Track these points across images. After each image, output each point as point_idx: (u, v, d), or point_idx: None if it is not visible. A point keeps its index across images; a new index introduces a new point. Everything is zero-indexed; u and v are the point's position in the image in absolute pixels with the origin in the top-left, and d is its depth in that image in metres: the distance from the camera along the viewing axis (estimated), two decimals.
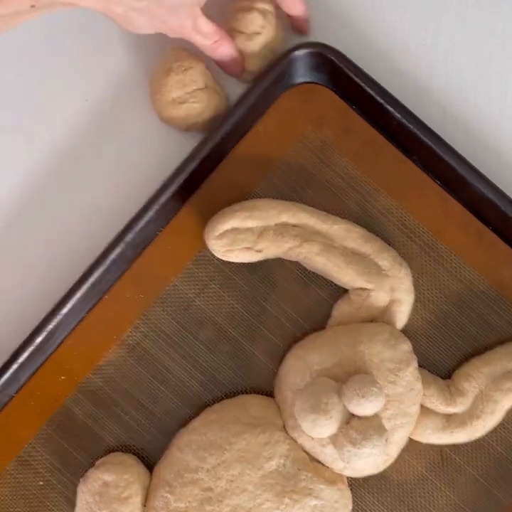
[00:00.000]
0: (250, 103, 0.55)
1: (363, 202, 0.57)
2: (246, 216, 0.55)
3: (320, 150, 0.57)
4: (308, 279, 0.57)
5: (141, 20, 0.51)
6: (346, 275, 0.54)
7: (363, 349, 0.52)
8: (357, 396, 0.49)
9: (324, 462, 0.53)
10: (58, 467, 0.56)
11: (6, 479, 0.56)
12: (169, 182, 0.56)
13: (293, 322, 0.57)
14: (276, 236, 0.55)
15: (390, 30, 0.59)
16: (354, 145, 0.57)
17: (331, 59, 0.56)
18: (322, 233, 0.55)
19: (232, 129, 0.56)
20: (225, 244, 0.54)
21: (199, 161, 0.55)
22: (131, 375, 0.56)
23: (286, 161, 0.57)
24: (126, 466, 0.54)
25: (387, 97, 0.55)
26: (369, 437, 0.49)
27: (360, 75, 0.55)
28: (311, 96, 0.57)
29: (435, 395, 0.54)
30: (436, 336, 0.56)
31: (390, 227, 0.57)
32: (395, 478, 0.56)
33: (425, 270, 0.57)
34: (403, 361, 0.53)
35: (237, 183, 0.57)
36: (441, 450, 0.56)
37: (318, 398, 0.50)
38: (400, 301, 0.55)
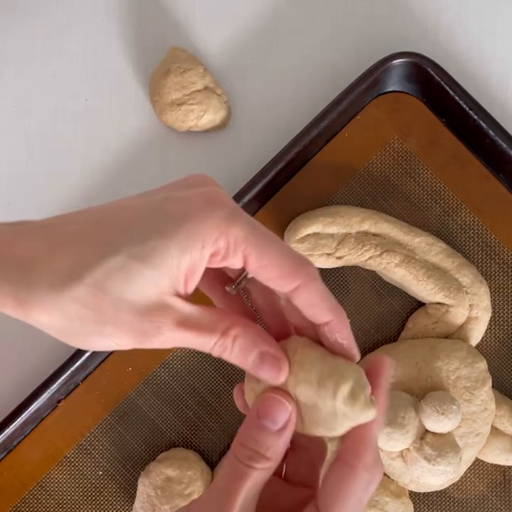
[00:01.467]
0: (341, 109, 0.55)
1: (444, 216, 0.57)
2: (329, 222, 0.54)
3: (404, 160, 0.57)
4: (383, 289, 0.56)
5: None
6: (426, 289, 0.54)
7: (440, 365, 0.52)
8: (436, 413, 0.49)
9: (391, 475, 0.53)
10: (118, 458, 0.56)
11: (66, 466, 0.56)
12: (253, 183, 0.55)
13: (364, 332, 0.56)
14: (357, 244, 0.54)
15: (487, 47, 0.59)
16: (439, 158, 0.56)
17: (425, 69, 0.55)
18: (403, 244, 0.55)
19: (321, 132, 0.55)
20: (306, 248, 0.54)
21: (284, 163, 0.55)
22: (197, 370, 0.56)
23: (369, 169, 0.57)
24: (190, 463, 0.54)
25: (481, 113, 0.55)
26: (445, 455, 0.49)
27: (455, 87, 0.55)
28: (400, 105, 0.56)
29: (506, 415, 0.54)
30: (509, 356, 0.56)
31: (469, 243, 0.56)
32: (456, 496, 0.55)
33: (502, 289, 0.56)
34: (479, 380, 0.52)
35: (317, 187, 0.56)
36: (505, 471, 0.55)
37: (396, 412, 0.49)
38: (477, 318, 0.54)
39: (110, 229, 0.35)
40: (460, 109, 0.55)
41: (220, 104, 0.57)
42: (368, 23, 0.59)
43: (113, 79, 0.59)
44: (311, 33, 0.59)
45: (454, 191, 0.56)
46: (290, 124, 0.58)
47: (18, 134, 0.59)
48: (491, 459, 0.54)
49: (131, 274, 0.34)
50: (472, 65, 0.59)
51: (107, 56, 0.59)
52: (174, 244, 0.34)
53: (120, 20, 0.59)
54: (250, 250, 0.35)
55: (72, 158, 0.59)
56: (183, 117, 0.56)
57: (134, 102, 0.59)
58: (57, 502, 0.56)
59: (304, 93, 0.59)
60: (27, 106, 0.59)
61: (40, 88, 0.59)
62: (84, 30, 0.59)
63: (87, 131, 0.59)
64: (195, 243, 0.34)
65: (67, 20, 0.59)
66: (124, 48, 0.59)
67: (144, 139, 0.59)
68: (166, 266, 0.34)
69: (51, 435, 0.56)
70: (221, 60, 0.59)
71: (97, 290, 0.34)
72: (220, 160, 0.58)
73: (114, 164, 0.59)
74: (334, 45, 0.59)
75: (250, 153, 0.58)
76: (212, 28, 0.59)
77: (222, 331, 0.36)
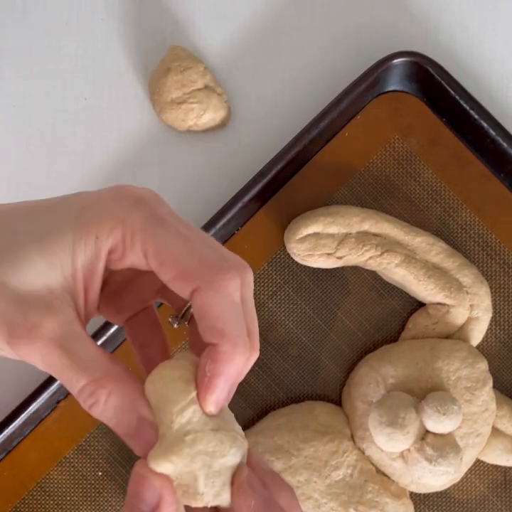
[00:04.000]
0: (342, 109, 0.55)
1: (445, 216, 0.56)
2: (329, 222, 0.54)
3: (405, 160, 0.57)
4: (383, 289, 0.56)
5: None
6: (426, 289, 0.54)
7: (441, 366, 0.52)
8: (437, 413, 0.49)
9: (391, 476, 0.53)
10: (118, 459, 0.56)
11: (65, 467, 0.56)
12: (253, 183, 0.55)
13: (364, 331, 0.56)
14: (357, 244, 0.54)
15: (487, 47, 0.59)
16: (440, 158, 0.56)
17: (426, 68, 0.55)
18: (403, 244, 0.55)
19: (321, 132, 0.55)
20: (306, 248, 0.54)
21: (284, 163, 0.55)
22: None
23: (370, 168, 0.57)
24: None
25: (481, 113, 0.54)
26: (445, 455, 0.49)
27: (456, 87, 0.55)
28: (401, 105, 0.56)
29: (507, 416, 0.53)
30: (510, 356, 0.56)
31: (470, 243, 0.56)
32: (457, 497, 0.55)
33: (503, 289, 0.56)
34: (480, 380, 0.52)
35: (317, 187, 0.56)
36: (506, 471, 0.55)
37: (396, 412, 0.49)
38: (478, 319, 0.54)
39: (17, 212, 0.31)
40: (461, 109, 0.55)
41: (221, 103, 0.57)
42: (367, 23, 0.59)
43: (113, 78, 0.59)
44: (312, 33, 0.59)
45: (455, 191, 0.56)
46: (290, 124, 0.58)
47: (17, 133, 0.59)
48: (491, 459, 0.54)
49: (19, 254, 0.29)
50: (472, 65, 0.59)
51: (107, 55, 0.59)
52: (69, 230, 0.30)
53: (120, 19, 0.59)
54: (148, 243, 0.30)
55: (71, 157, 0.59)
56: (183, 116, 0.56)
57: (134, 101, 0.59)
58: (56, 503, 0.56)
59: (304, 93, 0.59)
60: (27, 106, 0.59)
61: (40, 88, 0.59)
62: (83, 29, 0.59)
63: (86, 131, 0.59)
64: (89, 232, 0.30)
65: (66, 19, 0.59)
66: (123, 47, 0.59)
67: (144, 138, 0.59)
68: (58, 253, 0.30)
69: (51, 436, 0.55)
70: (221, 59, 0.59)
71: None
72: (220, 160, 0.58)
73: (113, 163, 0.59)
74: (334, 45, 0.59)
75: (250, 153, 0.58)
76: (212, 28, 0.59)
77: (99, 375, 0.30)
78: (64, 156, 0.59)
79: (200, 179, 0.58)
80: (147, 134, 0.59)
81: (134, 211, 0.30)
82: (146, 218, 0.30)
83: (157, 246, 0.30)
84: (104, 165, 0.59)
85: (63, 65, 0.59)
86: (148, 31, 0.59)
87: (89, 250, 0.30)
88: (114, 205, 0.30)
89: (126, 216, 0.30)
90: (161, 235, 0.30)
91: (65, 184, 0.58)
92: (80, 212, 0.30)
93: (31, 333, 0.29)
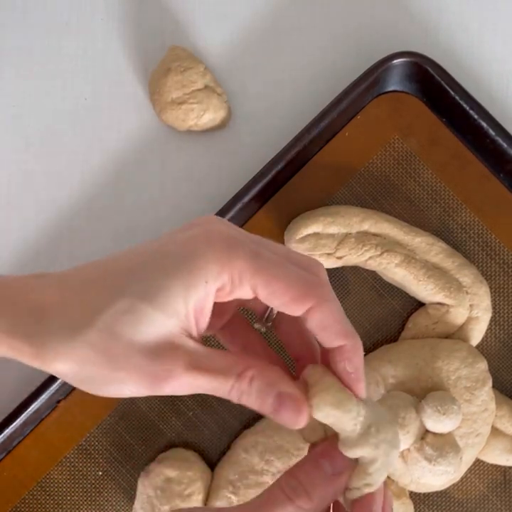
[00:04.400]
0: (342, 108, 0.55)
1: (444, 216, 0.56)
2: (329, 222, 0.54)
3: (405, 160, 0.57)
4: (383, 289, 0.56)
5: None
6: (426, 289, 0.54)
7: (441, 365, 0.52)
8: (437, 413, 0.49)
9: (391, 475, 0.53)
10: (118, 458, 0.56)
11: (66, 467, 0.56)
12: (253, 183, 0.55)
13: (364, 331, 0.56)
14: (357, 244, 0.54)
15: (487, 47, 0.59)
16: (440, 158, 0.56)
17: (426, 69, 0.55)
18: (403, 244, 0.55)
19: (321, 132, 0.55)
20: (306, 248, 0.54)
21: (284, 163, 0.55)
22: None
23: (370, 168, 0.57)
24: (190, 463, 0.54)
25: (481, 113, 0.55)
26: (445, 455, 0.49)
27: (456, 87, 0.55)
28: (401, 105, 0.56)
29: (506, 416, 0.54)
30: (510, 356, 0.56)
31: (470, 243, 0.56)
32: (457, 496, 0.55)
33: (503, 289, 0.56)
34: (479, 380, 0.52)
35: (317, 187, 0.56)
36: (505, 471, 0.55)
37: (396, 412, 0.49)
38: (477, 318, 0.54)
39: (115, 272, 0.35)
40: (460, 109, 0.55)
41: (221, 103, 0.57)
42: (367, 23, 0.59)
43: (113, 78, 0.59)
44: (312, 33, 0.59)
45: (455, 191, 0.56)
46: (290, 124, 0.58)
47: (17, 133, 0.59)
48: (491, 459, 0.54)
49: (138, 315, 0.34)
50: (472, 65, 0.59)
51: (107, 55, 0.59)
52: (178, 282, 0.34)
53: (120, 19, 0.59)
54: (256, 279, 0.34)
55: (71, 157, 0.59)
56: (183, 116, 0.56)
57: (134, 102, 0.59)
58: (56, 502, 0.56)
59: (304, 93, 0.59)
60: (27, 106, 0.59)
61: (40, 88, 0.59)
62: (83, 29, 0.59)
63: (86, 131, 0.59)
64: (198, 279, 0.34)
65: (66, 19, 0.59)
66: (123, 47, 0.59)
67: (144, 138, 0.59)
68: (172, 305, 0.34)
69: (51, 436, 0.55)
70: (221, 59, 0.59)
71: (107, 334, 0.34)
72: (220, 160, 0.58)
73: (113, 163, 0.59)
74: (334, 45, 0.59)
75: (250, 153, 0.58)
76: (212, 28, 0.59)
77: (237, 373, 0.35)
78: (64, 156, 0.59)
79: (200, 179, 0.58)
80: (147, 134, 0.59)
81: (234, 254, 0.34)
82: (247, 257, 0.34)
83: (265, 280, 0.34)
84: (104, 165, 0.59)
85: (63, 65, 0.59)
86: (148, 31, 0.59)
87: (199, 294, 0.34)
88: (213, 250, 0.34)
89: (228, 260, 0.34)
90: (263, 268, 0.34)
91: (65, 184, 0.58)
92: (181, 263, 0.34)
93: (170, 375, 0.34)
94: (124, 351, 0.34)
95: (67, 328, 0.34)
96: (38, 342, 0.34)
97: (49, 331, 0.34)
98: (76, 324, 0.34)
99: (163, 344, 0.34)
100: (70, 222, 0.58)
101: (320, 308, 0.35)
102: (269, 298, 0.35)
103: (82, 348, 0.34)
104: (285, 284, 0.35)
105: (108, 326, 0.34)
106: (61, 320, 0.34)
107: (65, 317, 0.34)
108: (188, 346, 0.34)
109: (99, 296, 0.34)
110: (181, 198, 0.58)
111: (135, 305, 0.34)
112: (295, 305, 0.35)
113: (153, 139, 0.59)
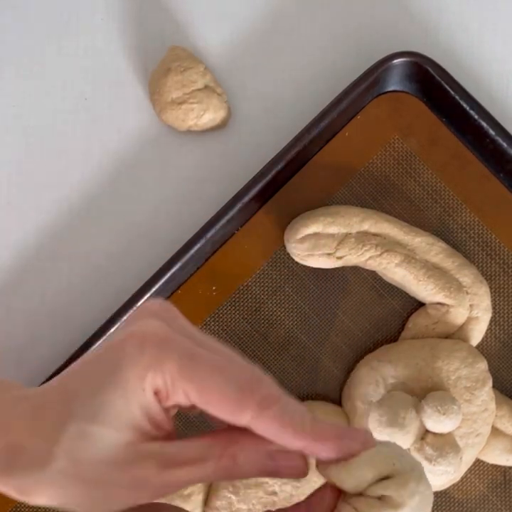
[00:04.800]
0: (342, 108, 0.55)
1: (445, 216, 0.56)
2: (329, 222, 0.54)
3: (405, 160, 0.57)
4: (383, 289, 0.56)
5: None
6: (426, 289, 0.54)
7: (441, 365, 0.52)
8: (437, 413, 0.49)
9: None
10: None
11: None
12: (253, 183, 0.55)
13: (364, 331, 0.56)
14: (357, 244, 0.54)
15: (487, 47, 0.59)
16: (440, 158, 0.56)
17: (426, 69, 0.55)
18: (403, 244, 0.55)
19: (321, 132, 0.55)
20: (306, 248, 0.54)
21: (284, 163, 0.55)
22: None
23: (370, 168, 0.57)
24: None
25: (481, 113, 0.55)
26: (445, 455, 0.49)
27: (456, 87, 0.55)
28: (401, 105, 0.56)
29: (506, 416, 0.54)
30: (510, 356, 0.56)
31: (470, 243, 0.56)
32: (457, 496, 0.55)
33: (503, 289, 0.56)
34: (480, 380, 0.52)
35: (317, 187, 0.56)
36: (505, 471, 0.55)
37: (396, 412, 0.49)
38: (477, 319, 0.54)
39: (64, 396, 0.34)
40: (460, 109, 0.55)
41: (221, 103, 0.57)
42: (367, 23, 0.59)
43: (113, 78, 0.59)
44: (312, 33, 0.59)
45: (455, 191, 0.56)
46: (290, 124, 0.58)
47: (17, 133, 0.59)
48: (491, 459, 0.54)
49: (91, 438, 0.33)
50: (472, 65, 0.59)
51: (107, 55, 0.59)
52: (116, 395, 0.33)
53: (120, 19, 0.59)
54: (188, 387, 0.33)
55: (71, 157, 0.59)
56: (183, 116, 0.56)
57: (134, 101, 0.59)
58: None
59: (304, 93, 0.59)
60: (27, 106, 0.59)
61: (40, 88, 0.59)
62: (83, 29, 0.59)
63: (86, 131, 0.59)
64: (135, 388, 0.33)
65: (66, 19, 0.59)
66: (123, 47, 0.59)
67: (144, 138, 0.59)
68: (118, 418, 0.33)
69: None
70: (221, 59, 0.59)
71: (71, 461, 0.33)
72: (220, 160, 0.58)
73: (113, 163, 0.59)
74: (334, 45, 0.59)
75: (250, 153, 0.58)
76: (212, 28, 0.59)
77: (217, 455, 0.33)
78: (64, 156, 0.59)
79: (200, 179, 0.58)
80: (147, 134, 0.59)
81: (165, 358, 0.33)
82: (179, 362, 0.33)
83: (197, 388, 0.33)
84: (104, 165, 0.59)
85: (63, 65, 0.59)
86: (148, 31, 0.59)
87: (141, 400, 0.33)
88: (144, 357, 0.33)
89: (160, 364, 0.33)
90: (198, 375, 0.33)
91: (65, 184, 0.58)
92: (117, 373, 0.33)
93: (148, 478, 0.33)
94: (93, 473, 0.33)
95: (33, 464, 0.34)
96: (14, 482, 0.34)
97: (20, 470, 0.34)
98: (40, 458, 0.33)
99: (127, 456, 0.33)
100: (70, 222, 0.58)
101: (261, 419, 0.33)
102: (205, 407, 0.33)
103: (55, 477, 0.33)
104: (219, 394, 0.33)
105: (69, 452, 0.33)
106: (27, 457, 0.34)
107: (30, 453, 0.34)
108: (154, 449, 0.33)
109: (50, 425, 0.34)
110: (181, 198, 0.58)
111: (82, 428, 0.33)
112: (234, 417, 0.33)
113: (153, 139, 0.59)
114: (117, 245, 0.58)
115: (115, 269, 0.58)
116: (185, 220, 0.58)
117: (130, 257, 0.58)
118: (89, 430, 0.33)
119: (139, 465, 0.33)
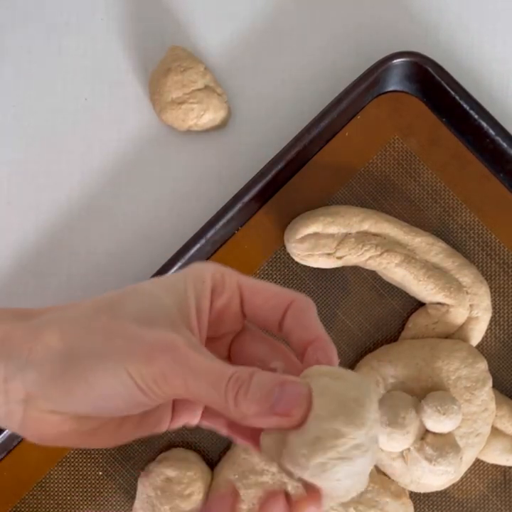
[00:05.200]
0: (342, 108, 0.55)
1: (445, 216, 0.56)
2: (329, 222, 0.54)
3: (405, 160, 0.57)
4: (383, 289, 0.56)
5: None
6: (426, 289, 0.54)
7: (441, 365, 0.52)
8: (437, 413, 0.49)
9: (391, 475, 0.53)
10: (118, 458, 0.56)
11: (66, 467, 0.56)
12: (253, 183, 0.55)
13: (364, 331, 0.56)
14: (357, 244, 0.54)
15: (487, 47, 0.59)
16: (440, 158, 0.56)
17: (426, 69, 0.55)
18: (403, 244, 0.55)
19: (321, 132, 0.55)
20: (306, 248, 0.54)
21: (284, 163, 0.55)
22: None
23: (370, 168, 0.57)
24: (190, 463, 0.54)
25: (481, 113, 0.55)
26: (445, 455, 0.49)
27: (456, 87, 0.55)
28: (401, 105, 0.56)
29: (506, 416, 0.54)
30: (510, 356, 0.56)
31: (470, 243, 0.56)
32: (457, 496, 0.55)
33: (503, 289, 0.56)
34: (480, 380, 0.52)
35: (317, 187, 0.56)
36: (505, 471, 0.55)
37: (396, 412, 0.49)
38: (477, 318, 0.54)
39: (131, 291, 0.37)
40: (460, 109, 0.55)
41: (221, 103, 0.57)
42: (367, 23, 0.59)
43: (113, 78, 0.59)
44: (312, 33, 0.59)
45: (455, 191, 0.56)
46: (290, 124, 0.58)
47: (17, 133, 0.59)
48: (491, 459, 0.54)
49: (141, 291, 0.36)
50: (472, 65, 0.59)
51: (107, 55, 0.59)
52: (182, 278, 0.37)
53: (120, 19, 0.59)
54: (242, 279, 0.38)
55: (71, 157, 0.59)
56: (183, 116, 0.56)
57: (134, 101, 0.59)
58: (57, 502, 0.56)
59: (304, 93, 0.59)
60: (27, 106, 0.59)
61: (40, 88, 0.59)
62: (83, 29, 0.59)
63: (86, 131, 0.59)
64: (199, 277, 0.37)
65: (66, 19, 0.59)
66: (123, 47, 0.59)
67: (144, 138, 0.59)
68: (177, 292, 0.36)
69: None
70: (221, 59, 0.59)
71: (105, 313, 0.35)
72: (220, 160, 0.58)
73: (113, 163, 0.59)
74: (334, 45, 0.59)
75: (250, 153, 0.58)
76: (212, 28, 0.59)
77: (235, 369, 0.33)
78: (64, 156, 0.59)
79: (200, 179, 0.58)
80: (147, 134, 0.59)
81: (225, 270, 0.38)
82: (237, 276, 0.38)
83: (249, 280, 0.38)
84: (104, 165, 0.59)
85: (63, 65, 0.59)
86: (149, 31, 0.59)
87: (198, 291, 0.36)
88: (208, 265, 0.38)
89: (220, 267, 0.38)
90: (252, 280, 0.38)
91: (65, 184, 0.58)
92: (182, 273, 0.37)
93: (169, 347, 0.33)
94: (120, 323, 0.34)
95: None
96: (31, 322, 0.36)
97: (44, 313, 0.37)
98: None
99: (162, 321, 0.34)
100: (70, 222, 0.58)
101: (300, 302, 0.37)
102: (253, 298, 0.37)
103: (73, 316, 0.35)
104: (264, 286, 0.38)
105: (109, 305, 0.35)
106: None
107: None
108: (187, 333, 0.34)
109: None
110: (181, 197, 0.58)
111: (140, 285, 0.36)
112: (278, 299, 0.37)
113: (153, 139, 0.59)
114: (117, 245, 0.58)
115: (115, 269, 0.58)
116: (185, 220, 0.58)
117: (130, 257, 0.58)
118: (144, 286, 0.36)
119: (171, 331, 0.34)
